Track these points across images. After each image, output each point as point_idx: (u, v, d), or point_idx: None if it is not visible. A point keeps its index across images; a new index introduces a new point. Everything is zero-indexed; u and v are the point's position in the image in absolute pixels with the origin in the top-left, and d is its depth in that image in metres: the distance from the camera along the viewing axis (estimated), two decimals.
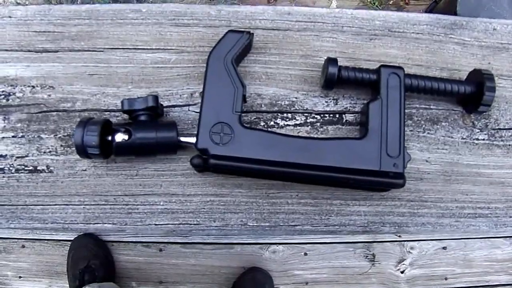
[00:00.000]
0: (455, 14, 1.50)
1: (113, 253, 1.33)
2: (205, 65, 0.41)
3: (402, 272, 1.38)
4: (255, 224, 0.42)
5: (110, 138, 0.38)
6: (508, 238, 1.38)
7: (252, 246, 1.39)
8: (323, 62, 0.44)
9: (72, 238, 1.30)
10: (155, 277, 1.34)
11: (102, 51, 0.44)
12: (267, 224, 0.42)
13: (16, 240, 1.27)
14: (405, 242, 1.39)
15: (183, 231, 0.42)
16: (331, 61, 0.41)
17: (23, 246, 1.32)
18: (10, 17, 0.45)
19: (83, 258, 1.27)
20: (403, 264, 1.38)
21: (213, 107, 0.39)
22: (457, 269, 1.39)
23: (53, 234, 1.28)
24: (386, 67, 0.41)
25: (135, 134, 0.38)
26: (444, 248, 1.39)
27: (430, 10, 1.68)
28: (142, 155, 0.41)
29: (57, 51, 0.44)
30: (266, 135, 0.39)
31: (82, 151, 0.37)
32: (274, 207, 0.42)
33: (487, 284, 1.38)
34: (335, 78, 0.41)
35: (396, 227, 0.43)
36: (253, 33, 0.42)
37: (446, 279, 1.38)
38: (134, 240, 1.34)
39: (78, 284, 1.21)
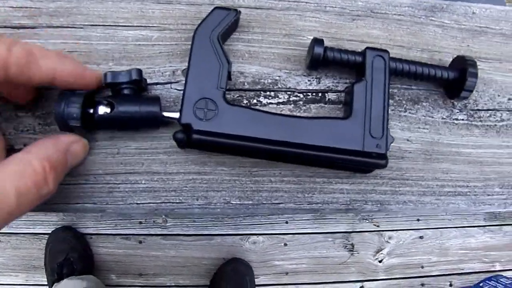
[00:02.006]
0: None
1: (92, 245, 1.32)
2: (188, 43, 0.40)
3: (380, 261, 1.40)
4: (238, 203, 0.42)
5: (92, 110, 0.37)
6: (481, 227, 1.42)
7: (232, 237, 1.39)
8: (306, 41, 0.44)
9: (49, 231, 1.28)
10: (135, 269, 1.33)
11: (81, 28, 0.43)
12: (250, 202, 0.42)
13: None
14: (384, 232, 1.42)
15: (165, 210, 0.41)
16: (317, 41, 0.41)
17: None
18: None
19: (61, 251, 1.25)
20: (381, 253, 1.40)
21: (197, 83, 0.39)
22: (433, 257, 1.42)
23: (30, 228, 1.26)
24: (372, 50, 0.41)
25: (118, 107, 0.37)
26: (421, 237, 1.42)
27: None
28: (124, 129, 0.40)
29: (34, 27, 0.43)
30: (250, 112, 0.39)
31: (63, 123, 0.36)
32: (257, 185, 0.42)
33: (461, 271, 1.42)
34: (320, 58, 0.41)
35: (378, 205, 0.43)
36: (240, 11, 0.41)
37: (422, 267, 1.41)
38: (113, 233, 1.33)
39: (57, 277, 1.19)
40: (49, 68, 0.34)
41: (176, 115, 0.38)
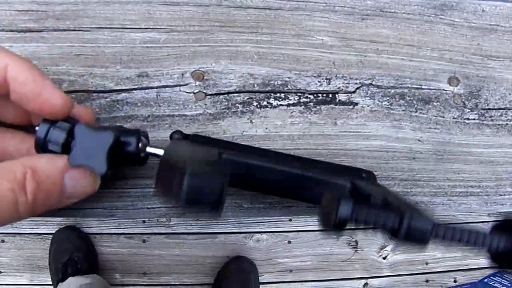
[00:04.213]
0: None
1: (96, 245, 1.32)
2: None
3: (384, 258, 1.40)
4: (250, 206, 0.41)
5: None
6: (485, 223, 1.42)
7: (236, 235, 1.39)
8: (315, 41, 0.44)
9: (53, 231, 1.28)
10: (139, 268, 1.33)
11: (88, 31, 0.43)
12: (262, 205, 0.42)
13: None
14: None
15: (176, 214, 0.41)
16: (342, 201, 0.28)
17: (3, 241, 1.29)
18: None
19: (65, 251, 1.25)
20: (385, 250, 1.40)
21: None
22: (438, 253, 1.42)
23: (34, 228, 1.26)
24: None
25: None
26: None
27: None
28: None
29: (41, 31, 0.42)
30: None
31: (41, 145, 0.32)
32: None
33: (466, 267, 1.42)
34: (347, 221, 0.28)
35: None
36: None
37: (427, 263, 1.41)
38: (117, 232, 1.33)
39: (61, 277, 1.19)
40: (1, 60, 0.30)
41: (160, 152, 0.34)
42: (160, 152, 0.35)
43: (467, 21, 0.47)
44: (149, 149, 0.35)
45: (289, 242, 1.36)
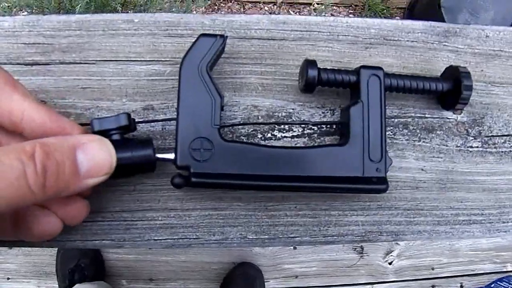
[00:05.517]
0: (439, 6, 1.50)
1: (103, 251, 1.33)
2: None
3: (390, 264, 1.40)
4: (255, 237, 0.42)
5: None
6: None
7: None
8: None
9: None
10: (146, 274, 1.34)
11: (94, 63, 0.43)
12: (266, 236, 0.42)
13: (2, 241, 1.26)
14: None
15: (182, 246, 0.41)
16: (310, 63, 0.41)
17: (10, 247, 1.30)
18: None
19: (72, 257, 1.26)
20: (391, 255, 1.40)
21: (190, 121, 0.38)
22: (444, 259, 1.42)
23: None
24: (366, 68, 0.41)
25: None
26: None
27: (414, 2, 1.69)
28: (117, 177, 0.36)
29: (47, 64, 0.43)
30: (246, 148, 0.39)
31: None
32: (273, 220, 0.42)
33: (472, 273, 1.42)
34: (315, 82, 0.40)
35: (393, 236, 0.44)
36: (227, 36, 0.40)
37: (433, 269, 1.41)
38: None
39: (68, 283, 1.20)
40: (19, 104, 0.32)
41: (170, 156, 0.37)
42: (171, 156, 0.37)
43: (471, 48, 0.47)
44: (159, 155, 0.37)
45: (295, 248, 1.36)
